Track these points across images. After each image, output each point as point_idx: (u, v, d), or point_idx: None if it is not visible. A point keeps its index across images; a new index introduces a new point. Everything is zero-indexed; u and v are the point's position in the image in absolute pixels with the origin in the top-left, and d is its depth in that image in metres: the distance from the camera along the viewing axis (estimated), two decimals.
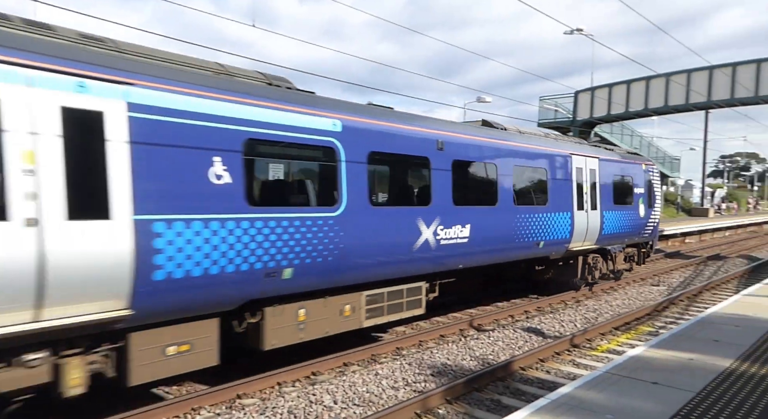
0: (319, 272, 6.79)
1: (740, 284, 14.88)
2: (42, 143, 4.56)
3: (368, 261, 7.40)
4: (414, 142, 8.14)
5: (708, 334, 7.36)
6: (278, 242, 6.32)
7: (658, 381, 5.47)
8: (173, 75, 5.58)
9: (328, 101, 7.26)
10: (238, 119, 5.98)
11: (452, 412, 6.17)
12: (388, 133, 7.79)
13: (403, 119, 8.17)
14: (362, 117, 7.50)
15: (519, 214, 10.06)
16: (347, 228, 7.05)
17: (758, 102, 25.72)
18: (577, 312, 11.27)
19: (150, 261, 5.20)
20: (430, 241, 8.25)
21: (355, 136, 7.29)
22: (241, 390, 6.63)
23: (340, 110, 7.22)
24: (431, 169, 8.38)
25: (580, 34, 23.35)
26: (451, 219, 8.59)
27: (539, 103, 33.20)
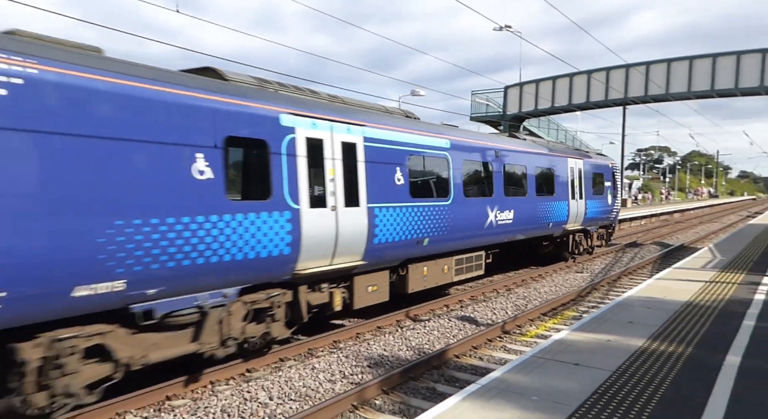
0: (438, 241, 10.11)
1: (653, 269, 16.06)
2: (335, 163, 7.87)
3: (461, 235, 10.80)
4: (485, 152, 11.76)
5: (624, 317, 7.90)
6: (423, 221, 9.63)
7: (580, 363, 5.82)
8: (381, 119, 9.05)
9: (442, 127, 11.13)
10: (404, 142, 9.38)
11: (389, 402, 6.26)
12: (471, 146, 11.34)
13: (480, 137, 12.24)
14: (459, 136, 11.07)
15: (539, 203, 13.78)
16: (453, 212, 10.43)
17: (669, 99, 27.74)
18: (508, 300, 11.74)
19: (373, 231, 8.48)
20: (492, 222, 11.74)
21: (456, 149, 10.75)
22: (171, 392, 6.41)
23: (449, 133, 10.80)
24: (492, 170, 11.91)
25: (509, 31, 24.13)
26: (503, 206, 12.12)
27: (472, 97, 34.09)
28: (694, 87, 26.39)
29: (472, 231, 11.13)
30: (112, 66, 5.47)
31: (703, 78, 26.09)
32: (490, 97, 33.37)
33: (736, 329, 7.14)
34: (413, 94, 28.68)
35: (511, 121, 31.87)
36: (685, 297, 9.19)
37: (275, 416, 5.93)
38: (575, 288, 13.09)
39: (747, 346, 6.37)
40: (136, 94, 5.49)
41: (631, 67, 27.81)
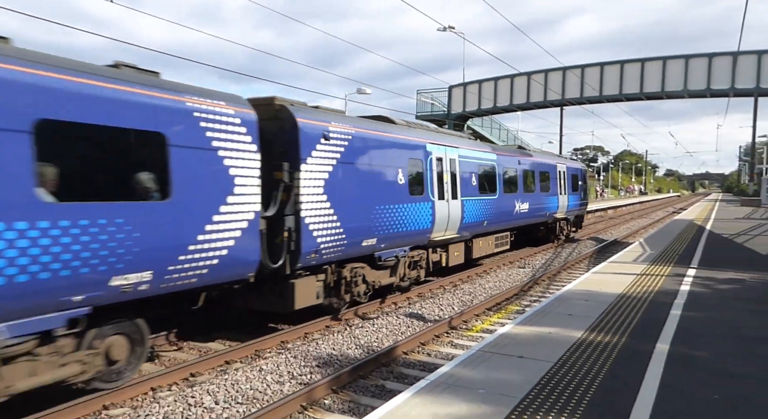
0: (491, 223, 14.62)
1: (590, 263, 16.85)
2: (447, 172, 12.32)
3: (502, 219, 15.39)
4: (513, 161, 16.59)
5: (564, 310, 8.25)
6: (485, 209, 14.11)
7: (524, 355, 6.02)
8: (464, 142, 13.88)
9: (490, 145, 16.24)
10: (476, 157, 14.02)
11: (338, 401, 6.24)
12: (507, 158, 16.16)
13: (508, 150, 17.44)
14: (500, 151, 16.04)
15: (542, 197, 18.68)
16: (498, 204, 14.99)
17: (602, 100, 29.21)
18: (454, 296, 11.98)
19: (463, 215, 12.87)
20: (517, 211, 16.47)
21: (500, 160, 15.49)
22: (108, 401, 6.10)
23: (495, 149, 15.84)
24: (517, 174, 16.68)
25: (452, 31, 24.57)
26: (523, 200, 16.85)
27: (417, 96, 34.49)
28: (625, 90, 27.92)
29: (506, 217, 15.85)
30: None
31: (633, 81, 27.65)
32: (435, 96, 33.90)
33: (664, 318, 7.61)
34: (359, 92, 28.68)
35: (455, 120, 32.50)
36: (619, 290, 9.70)
37: None
38: (518, 283, 13.53)
39: (674, 334, 6.81)
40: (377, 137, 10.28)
41: (567, 70, 29.04)
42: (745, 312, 8.01)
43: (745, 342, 6.52)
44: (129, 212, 5.79)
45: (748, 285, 10.19)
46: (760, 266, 12.63)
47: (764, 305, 8.54)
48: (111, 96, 5.75)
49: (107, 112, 5.69)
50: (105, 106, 5.68)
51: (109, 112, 5.72)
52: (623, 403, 4.67)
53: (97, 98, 5.61)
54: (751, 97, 27.15)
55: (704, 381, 5.19)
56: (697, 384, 5.13)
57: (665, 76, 26.76)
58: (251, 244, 7.28)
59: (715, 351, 6.15)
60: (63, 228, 5.19)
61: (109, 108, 5.71)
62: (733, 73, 24.98)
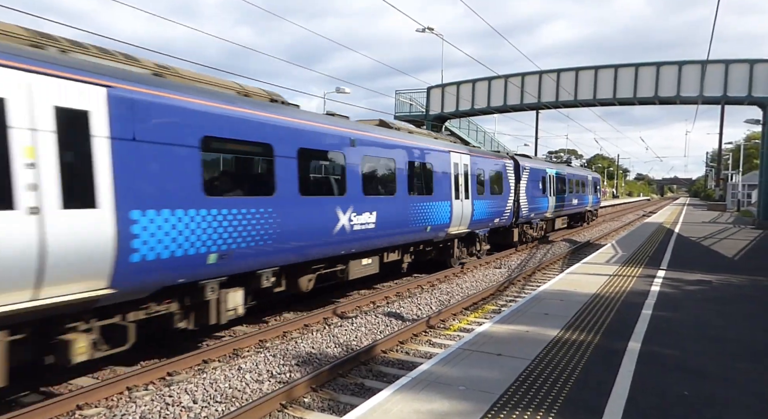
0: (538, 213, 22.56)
1: (564, 264, 17.18)
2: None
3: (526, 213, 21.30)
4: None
5: (540, 309, 8.41)
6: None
7: (502, 353, 6.13)
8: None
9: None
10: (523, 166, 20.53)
11: (318, 400, 6.25)
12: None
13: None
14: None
15: (583, 197, 30.65)
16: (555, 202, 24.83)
17: (577, 105, 29.72)
18: (432, 295, 12.07)
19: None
20: (548, 206, 23.54)
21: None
22: (82, 401, 5.99)
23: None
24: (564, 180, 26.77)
25: (431, 32, 24.72)
26: (560, 200, 25.58)
27: (395, 96, 34.57)
28: (598, 95, 28.47)
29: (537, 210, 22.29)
30: None
31: (607, 86, 28.23)
32: (414, 97, 34.01)
33: (636, 318, 7.84)
34: (338, 91, 28.61)
35: (433, 121, 32.68)
36: (593, 290, 9.94)
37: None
38: (494, 283, 13.72)
39: (645, 333, 7.02)
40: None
41: (544, 74, 29.49)
42: (711, 313, 8.31)
43: (712, 341, 6.77)
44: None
45: (714, 287, 10.56)
46: (725, 268, 13.08)
47: (729, 306, 8.86)
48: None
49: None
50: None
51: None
52: (598, 400, 4.80)
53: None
54: (719, 104, 28.08)
55: (674, 379, 5.37)
56: (668, 381, 5.31)
57: (637, 83, 27.41)
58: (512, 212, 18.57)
59: (684, 349, 6.37)
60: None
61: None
62: (702, 82, 25.76)
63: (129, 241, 5.95)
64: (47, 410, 5.68)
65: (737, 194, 49.85)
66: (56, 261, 5.19)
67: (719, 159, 42.79)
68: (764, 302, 9.22)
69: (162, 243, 6.36)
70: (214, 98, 7.19)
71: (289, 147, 8.44)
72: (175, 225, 6.50)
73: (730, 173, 58.48)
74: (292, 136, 8.54)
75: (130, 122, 5.97)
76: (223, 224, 7.15)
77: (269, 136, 8.00)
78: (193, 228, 6.75)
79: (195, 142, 6.80)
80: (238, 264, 7.48)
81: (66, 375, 6.79)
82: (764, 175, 26.95)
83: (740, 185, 50.78)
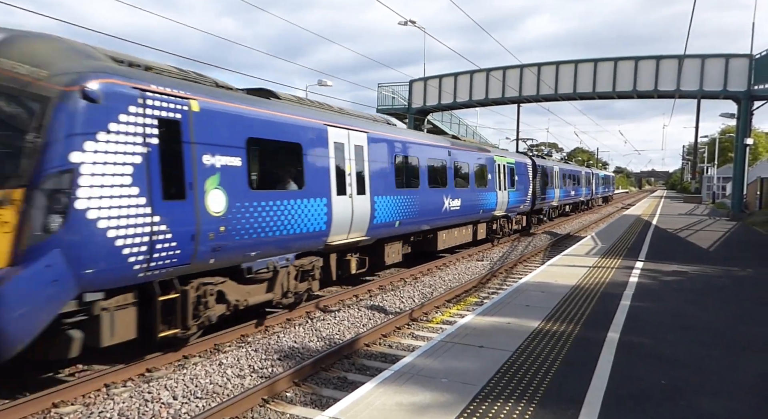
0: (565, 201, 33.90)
1: (545, 256, 17.37)
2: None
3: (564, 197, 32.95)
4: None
5: (521, 301, 8.49)
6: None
7: (484, 345, 6.17)
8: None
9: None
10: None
11: (300, 394, 6.23)
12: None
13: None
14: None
15: (589, 187, 44.39)
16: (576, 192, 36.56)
17: (557, 99, 29.97)
18: (415, 288, 12.10)
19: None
20: (555, 196, 30.19)
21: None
22: (58, 398, 5.86)
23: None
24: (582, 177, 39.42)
25: (414, 25, 24.64)
26: (564, 190, 32.70)
27: (378, 89, 34.43)
28: (578, 89, 28.73)
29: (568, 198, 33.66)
30: None
31: (586, 80, 28.50)
32: (396, 90, 33.92)
33: (615, 308, 7.96)
34: (320, 83, 28.39)
35: (416, 115, 32.65)
36: (573, 282, 10.06)
37: (180, 416, 5.66)
38: (477, 275, 13.81)
39: (624, 324, 7.13)
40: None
41: (525, 68, 29.65)
42: (687, 303, 8.47)
43: (687, 330, 6.90)
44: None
45: (690, 277, 10.78)
46: (701, 259, 13.36)
47: (704, 296, 9.06)
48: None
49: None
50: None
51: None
52: (578, 389, 4.86)
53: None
54: (695, 99, 28.57)
55: (652, 368, 5.47)
56: (645, 370, 5.40)
57: (616, 77, 27.72)
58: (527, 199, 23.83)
59: (661, 339, 6.49)
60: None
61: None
62: (679, 76, 26.17)
63: (375, 212, 11.39)
64: (21, 408, 5.55)
65: (712, 187, 50.94)
66: (355, 220, 10.64)
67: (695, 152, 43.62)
68: (737, 292, 9.44)
69: (382, 215, 11.66)
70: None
71: (423, 159, 13.96)
72: (386, 205, 11.82)
73: (706, 166, 59.71)
74: (422, 151, 13.98)
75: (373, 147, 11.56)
76: (401, 206, 12.47)
77: (418, 152, 13.75)
78: (391, 207, 12.04)
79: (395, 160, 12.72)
80: (406, 228, 12.87)
81: (41, 372, 6.64)
82: (738, 168, 27.56)
83: (715, 178, 51.89)
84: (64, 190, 5.51)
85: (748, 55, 25.46)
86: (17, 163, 5.43)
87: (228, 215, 7.44)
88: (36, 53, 5.82)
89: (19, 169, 5.41)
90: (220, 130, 7.42)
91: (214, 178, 7.26)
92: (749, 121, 26.68)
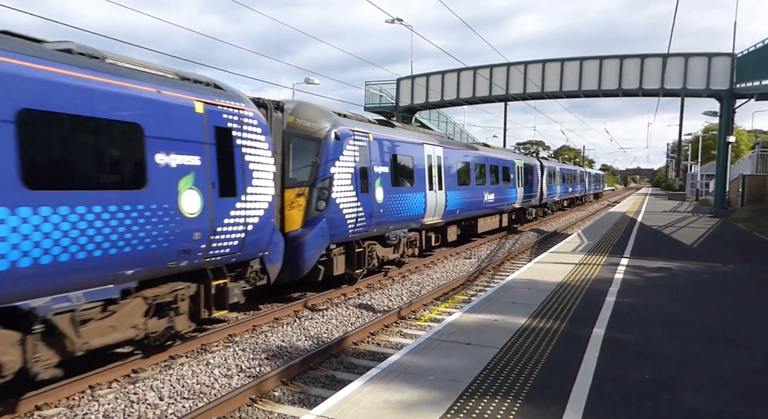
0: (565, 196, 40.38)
1: (532, 253, 17.50)
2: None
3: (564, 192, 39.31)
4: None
5: (508, 298, 8.55)
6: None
7: (471, 342, 6.21)
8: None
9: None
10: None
11: (288, 393, 6.21)
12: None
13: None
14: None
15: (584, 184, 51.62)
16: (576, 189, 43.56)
17: (544, 97, 30.19)
18: (403, 286, 12.13)
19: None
20: (556, 192, 35.88)
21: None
22: (41, 401, 5.79)
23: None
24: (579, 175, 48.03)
25: (401, 23, 24.64)
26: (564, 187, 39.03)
27: (365, 87, 34.39)
28: (564, 87, 28.96)
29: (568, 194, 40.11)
30: None
31: (572, 79, 28.73)
32: (384, 89, 33.91)
33: (600, 305, 8.04)
34: (307, 82, 28.27)
35: (403, 113, 32.67)
36: (559, 278, 10.15)
37: (166, 416, 5.62)
38: (464, 273, 13.87)
39: (609, 320, 7.21)
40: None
41: (511, 66, 29.80)
42: (671, 299, 8.60)
43: (671, 326, 7.00)
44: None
45: (674, 273, 10.93)
46: (685, 256, 13.55)
47: (687, 291, 9.19)
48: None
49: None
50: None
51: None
52: (564, 385, 4.91)
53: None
54: (678, 97, 28.95)
55: (636, 363, 5.54)
56: (630, 365, 5.47)
57: (602, 75, 27.99)
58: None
59: (646, 334, 6.57)
60: None
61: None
62: (663, 74, 26.49)
63: (447, 202, 15.44)
64: (2, 411, 5.47)
65: (696, 184, 51.65)
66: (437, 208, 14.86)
67: (679, 150, 44.22)
68: (719, 287, 9.60)
69: (451, 204, 15.87)
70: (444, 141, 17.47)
71: (472, 163, 18.35)
72: (453, 197, 16.00)
73: (690, 164, 60.51)
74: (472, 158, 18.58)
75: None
76: (461, 198, 16.75)
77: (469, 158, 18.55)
78: (456, 199, 16.23)
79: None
80: (462, 214, 17.34)
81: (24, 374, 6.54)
82: (721, 165, 27.98)
83: (699, 175, 52.62)
84: (326, 188, 10.17)
85: (731, 54, 25.86)
86: (307, 173, 10.14)
87: (383, 202, 12.01)
88: (309, 114, 10.48)
89: (308, 177, 10.11)
90: (381, 150, 12.14)
91: (379, 179, 11.93)
92: (731, 119, 27.10)
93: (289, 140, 10.15)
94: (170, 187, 6.45)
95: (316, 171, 10.07)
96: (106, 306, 6.05)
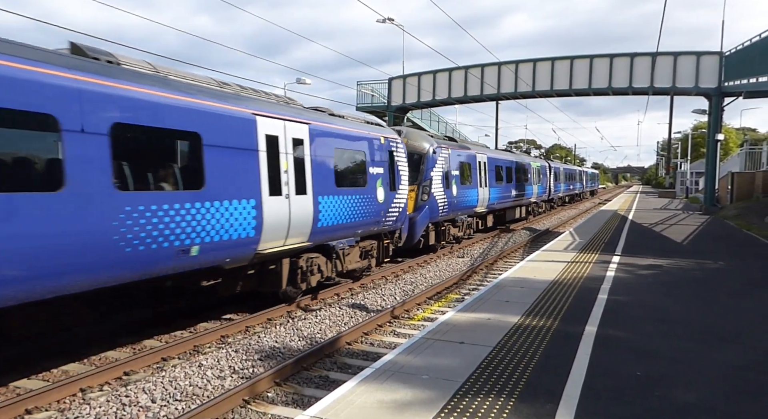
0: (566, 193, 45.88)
1: (524, 252, 17.57)
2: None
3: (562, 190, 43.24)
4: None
5: (501, 297, 8.57)
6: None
7: (464, 341, 6.22)
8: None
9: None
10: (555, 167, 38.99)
11: (282, 394, 6.19)
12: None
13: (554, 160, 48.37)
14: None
15: (580, 182, 55.44)
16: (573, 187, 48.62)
17: (535, 96, 30.31)
18: (396, 286, 12.13)
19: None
20: (560, 189, 41.45)
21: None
22: (32, 404, 5.73)
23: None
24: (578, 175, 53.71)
25: (392, 23, 24.63)
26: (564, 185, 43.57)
27: (357, 87, 34.35)
28: (555, 86, 29.09)
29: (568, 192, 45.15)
30: None
31: (563, 78, 28.87)
32: (375, 88, 33.89)
33: (592, 302, 8.09)
34: (299, 82, 28.20)
35: (395, 112, 32.68)
36: (551, 277, 10.19)
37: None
38: (457, 272, 13.90)
39: (601, 317, 7.26)
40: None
41: (503, 65, 29.89)
42: (662, 296, 8.66)
43: (662, 323, 7.06)
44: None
45: (665, 270, 11.01)
46: (675, 253, 13.66)
47: (678, 289, 9.26)
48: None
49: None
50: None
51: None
52: (556, 383, 4.94)
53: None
54: (668, 95, 29.19)
55: (628, 360, 5.57)
56: (622, 362, 5.51)
57: (592, 74, 28.15)
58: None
59: (637, 332, 6.62)
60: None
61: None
62: (652, 73, 26.68)
63: (490, 196, 21.21)
64: None
65: (686, 181, 52.07)
66: (482, 201, 20.01)
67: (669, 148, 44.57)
68: (709, 284, 9.69)
69: (491, 198, 21.38)
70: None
71: (503, 167, 22.76)
72: (492, 192, 21.21)
73: (679, 161, 61.02)
74: (502, 162, 23.01)
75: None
76: (497, 193, 21.54)
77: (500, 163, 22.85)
78: (493, 193, 21.37)
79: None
80: (497, 206, 21.95)
81: (13, 377, 6.49)
82: (710, 163, 28.23)
83: (688, 173, 53.05)
84: (428, 186, 14.77)
85: (719, 53, 26.08)
86: (416, 176, 14.71)
87: (456, 195, 16.73)
88: (415, 137, 15.54)
89: (416, 179, 14.69)
90: (454, 159, 16.96)
91: (454, 180, 16.61)
92: (720, 117, 27.35)
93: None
94: (373, 185, 11.64)
95: (421, 175, 14.85)
96: (349, 249, 11.10)
